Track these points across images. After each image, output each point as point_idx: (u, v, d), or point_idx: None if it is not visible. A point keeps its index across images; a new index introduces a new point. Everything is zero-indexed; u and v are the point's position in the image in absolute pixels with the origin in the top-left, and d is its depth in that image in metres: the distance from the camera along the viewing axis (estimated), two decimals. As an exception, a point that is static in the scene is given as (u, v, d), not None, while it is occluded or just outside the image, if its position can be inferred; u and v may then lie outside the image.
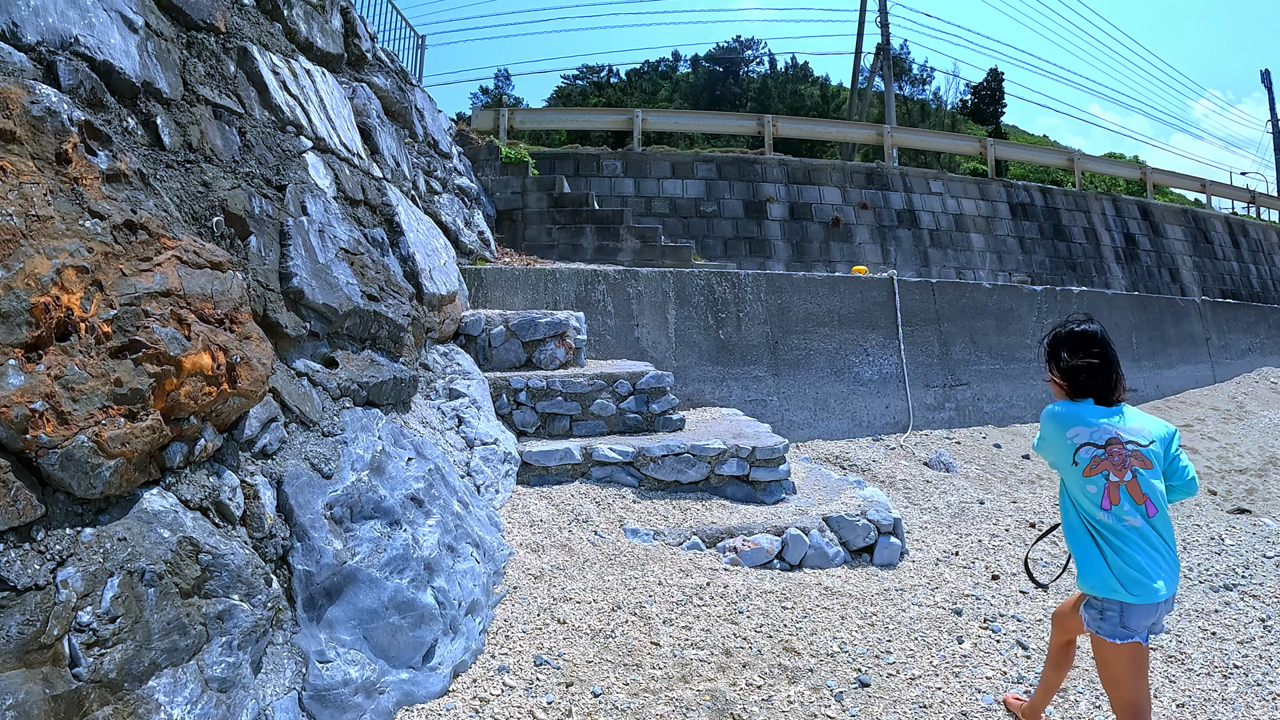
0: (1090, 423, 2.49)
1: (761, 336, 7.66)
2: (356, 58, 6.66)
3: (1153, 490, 2.42)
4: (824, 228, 13.95)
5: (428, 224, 6.36)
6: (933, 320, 8.95)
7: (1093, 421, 2.49)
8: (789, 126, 15.97)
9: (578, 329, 6.18)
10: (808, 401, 7.74)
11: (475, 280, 6.88)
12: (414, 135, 7.72)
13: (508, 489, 4.84)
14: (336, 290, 3.77)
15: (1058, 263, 16.31)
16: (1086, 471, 2.44)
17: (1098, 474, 2.43)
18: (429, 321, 5.37)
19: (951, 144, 18.90)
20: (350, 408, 3.51)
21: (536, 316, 6.05)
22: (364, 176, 5.26)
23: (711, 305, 7.51)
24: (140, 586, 2.04)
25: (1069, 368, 2.55)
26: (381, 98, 6.88)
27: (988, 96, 32.57)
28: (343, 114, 5.47)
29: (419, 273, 5.34)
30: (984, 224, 15.66)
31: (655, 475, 5.12)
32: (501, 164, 10.56)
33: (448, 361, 5.53)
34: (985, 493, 6.84)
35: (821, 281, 8.11)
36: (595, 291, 7.10)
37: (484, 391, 5.43)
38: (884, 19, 25.44)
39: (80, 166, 2.37)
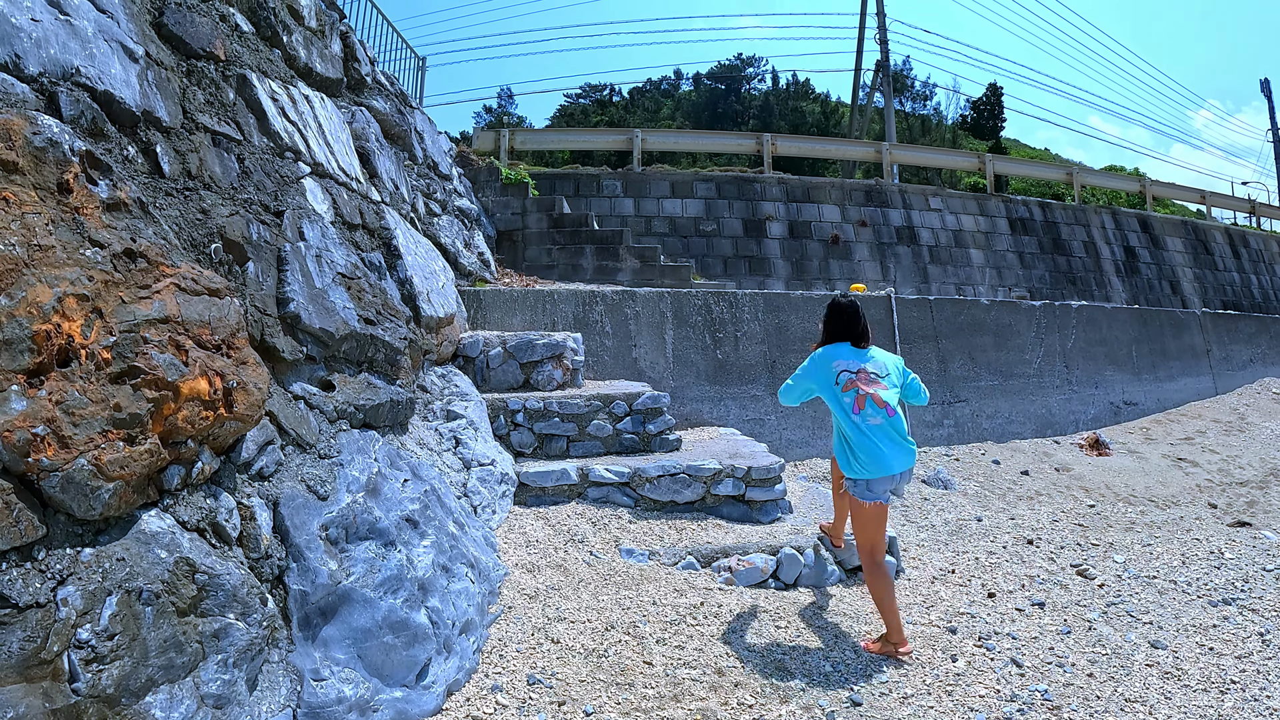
0: (846, 357, 3.72)
1: (759, 356, 7.71)
2: (356, 81, 6.73)
3: (890, 399, 3.61)
4: (823, 246, 14.03)
5: (426, 246, 6.43)
6: (930, 337, 8.99)
7: (848, 357, 3.73)
8: (788, 145, 16.09)
9: (575, 350, 6.23)
10: (805, 420, 7.77)
11: (474, 302, 6.94)
12: (413, 158, 7.80)
13: (505, 509, 4.88)
14: (333, 314, 3.83)
15: (1058, 277, 16.36)
16: (844, 389, 3.62)
17: (850, 390, 3.60)
18: (427, 344, 5.42)
19: (950, 160, 19.03)
20: (347, 430, 3.56)
21: (534, 338, 6.10)
22: (362, 200, 5.33)
23: (709, 325, 7.56)
24: (138, 605, 2.08)
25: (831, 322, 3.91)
26: (381, 121, 6.94)
27: (987, 111, 32.74)
28: (341, 139, 5.54)
29: (417, 296, 5.40)
30: (983, 239, 15.73)
31: (651, 495, 5.16)
32: (502, 185, 10.66)
33: (445, 383, 5.58)
34: (983, 510, 6.86)
35: (819, 300, 8.16)
36: (593, 312, 7.16)
37: (481, 413, 5.48)
38: (883, 35, 25.67)
39: (81, 196, 2.43)
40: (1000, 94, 32.99)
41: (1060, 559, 5.20)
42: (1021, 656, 3.56)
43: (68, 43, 2.73)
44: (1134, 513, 6.83)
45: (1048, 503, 7.38)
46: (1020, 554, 5.33)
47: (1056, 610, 4.18)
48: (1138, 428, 10.92)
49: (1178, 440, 10.36)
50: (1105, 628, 3.91)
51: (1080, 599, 4.36)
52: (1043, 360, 10.12)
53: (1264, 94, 34.86)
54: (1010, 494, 7.63)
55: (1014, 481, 8.05)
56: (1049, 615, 4.10)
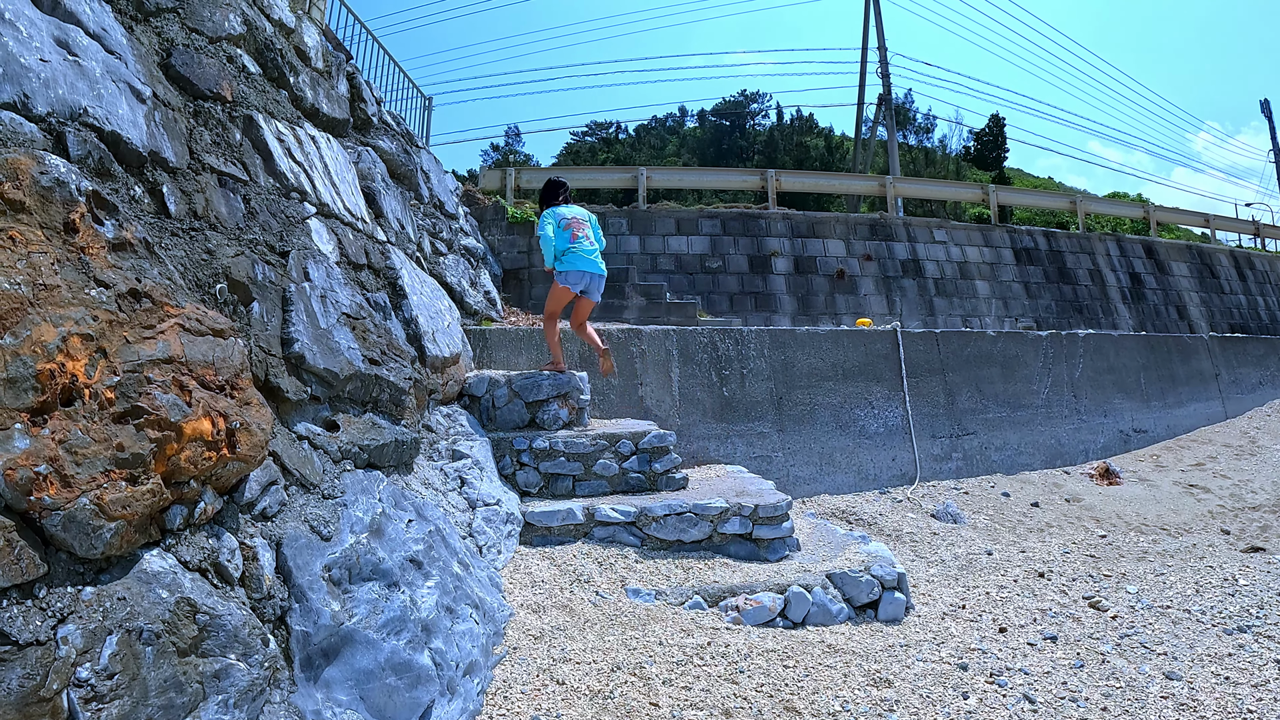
0: (566, 213, 6.43)
1: (766, 392, 7.70)
2: (362, 121, 6.82)
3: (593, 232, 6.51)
4: (829, 280, 14.05)
5: (432, 286, 6.46)
6: (938, 370, 8.98)
7: (566, 213, 6.43)
8: (792, 181, 16.20)
9: (581, 389, 6.23)
10: (813, 456, 7.74)
11: (480, 341, 6.96)
12: (419, 197, 7.88)
13: (510, 549, 4.85)
14: (338, 355, 3.84)
15: (1064, 306, 16.34)
16: (565, 228, 6.34)
17: (569, 230, 6.32)
18: (432, 383, 5.43)
19: (954, 192, 19.10)
20: (351, 470, 3.55)
21: (539, 377, 6.11)
22: (368, 240, 5.37)
23: (715, 362, 7.57)
24: (138, 645, 2.07)
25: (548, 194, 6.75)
26: (387, 161, 7.03)
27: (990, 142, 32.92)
28: (347, 179, 5.60)
29: (422, 335, 5.42)
30: (988, 270, 15.74)
31: (658, 535, 5.13)
32: (508, 223, 10.74)
33: (450, 422, 5.58)
34: (993, 543, 6.79)
35: (825, 335, 8.17)
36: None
37: (487, 452, 5.47)
38: (885, 69, 25.89)
39: (87, 236, 2.45)
40: (1002, 124, 33.19)
41: (1072, 591, 5.13)
42: (1034, 692, 3.50)
43: (76, 83, 2.77)
44: (1146, 542, 6.75)
45: (1059, 534, 7.31)
46: (1032, 587, 5.27)
47: (1069, 644, 4.11)
48: (1148, 455, 10.84)
49: (1189, 466, 10.28)
50: (1119, 660, 3.85)
51: (1093, 631, 4.29)
52: (1051, 390, 10.08)
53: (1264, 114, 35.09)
54: (1021, 526, 7.56)
55: (1024, 514, 7.98)
56: (1062, 649, 4.04)
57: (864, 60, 26.49)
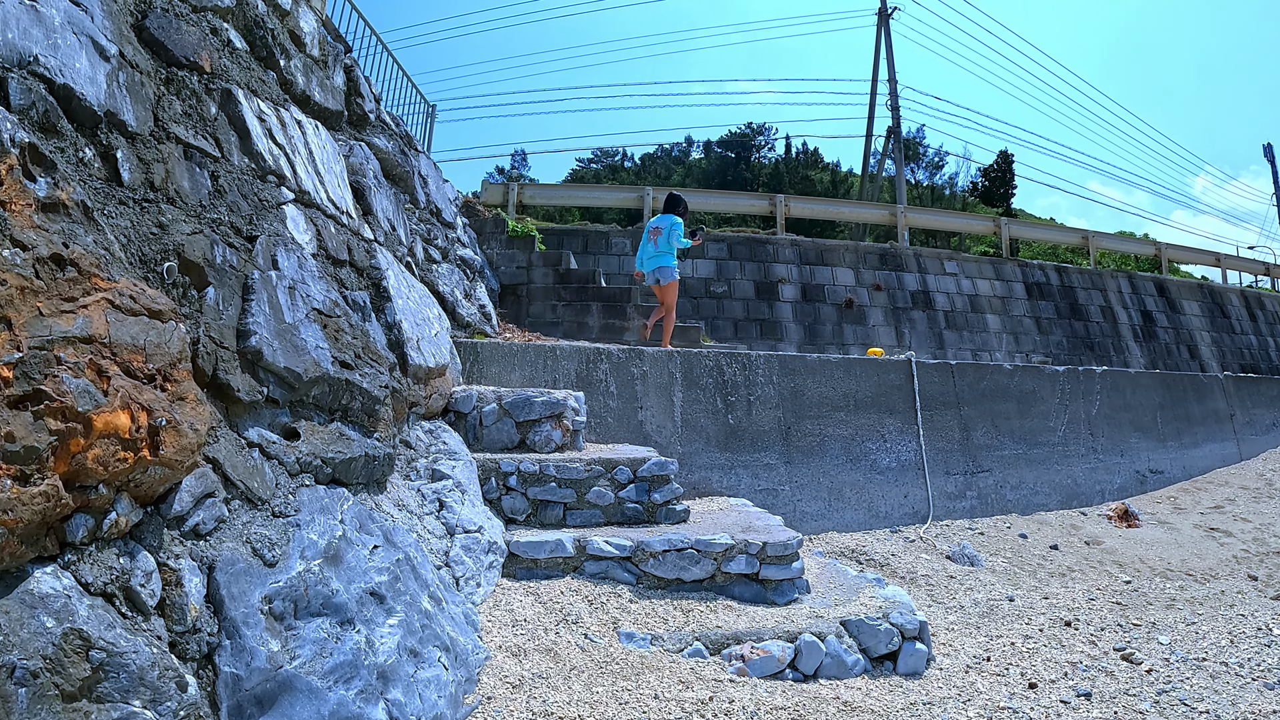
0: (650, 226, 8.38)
1: (773, 421, 7.25)
2: (358, 117, 6.49)
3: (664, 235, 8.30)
4: (837, 309, 13.67)
5: (421, 292, 6.06)
6: (953, 404, 8.55)
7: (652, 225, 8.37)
8: (801, 206, 15.87)
9: (576, 410, 5.80)
10: (822, 491, 7.29)
11: (471, 354, 6.54)
12: (415, 201, 7.51)
13: (491, 582, 4.40)
14: (303, 354, 3.42)
15: (1075, 343, 15.98)
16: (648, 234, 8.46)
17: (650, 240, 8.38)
18: (413, 395, 5.01)
19: (965, 224, 18.72)
20: (310, 486, 3.12)
21: (532, 395, 5.67)
22: (352, 236, 4.98)
23: (720, 388, 7.12)
24: (8, 685, 1.63)
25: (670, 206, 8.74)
26: (381, 159, 6.68)
27: (998, 178, 32.65)
28: (334, 170, 5.23)
29: (405, 342, 5.00)
30: (999, 304, 15.38)
31: (655, 572, 4.67)
32: (507, 237, 10.37)
33: (432, 439, 5.15)
34: (1014, 588, 6.36)
35: (836, 364, 7.74)
36: (597, 370, 6.74)
37: (471, 474, 5.03)
38: (894, 102, 25.68)
39: (12, 190, 2.06)
40: (1011, 161, 32.97)
41: (1102, 642, 4.69)
42: (1079, 764, 3.05)
43: (30, 29, 2.42)
44: (1173, 588, 6.31)
45: (1081, 579, 6.88)
46: (1059, 637, 4.81)
47: (1105, 701, 3.68)
48: (1165, 497, 10.42)
49: (1208, 509, 9.85)
50: (1160, 721, 3.42)
51: (1129, 687, 3.86)
52: (1067, 428, 9.66)
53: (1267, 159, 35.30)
54: (1041, 570, 7.12)
55: (1044, 556, 7.54)
56: (1098, 707, 3.60)
57: (873, 91, 26.31)
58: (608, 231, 13.52)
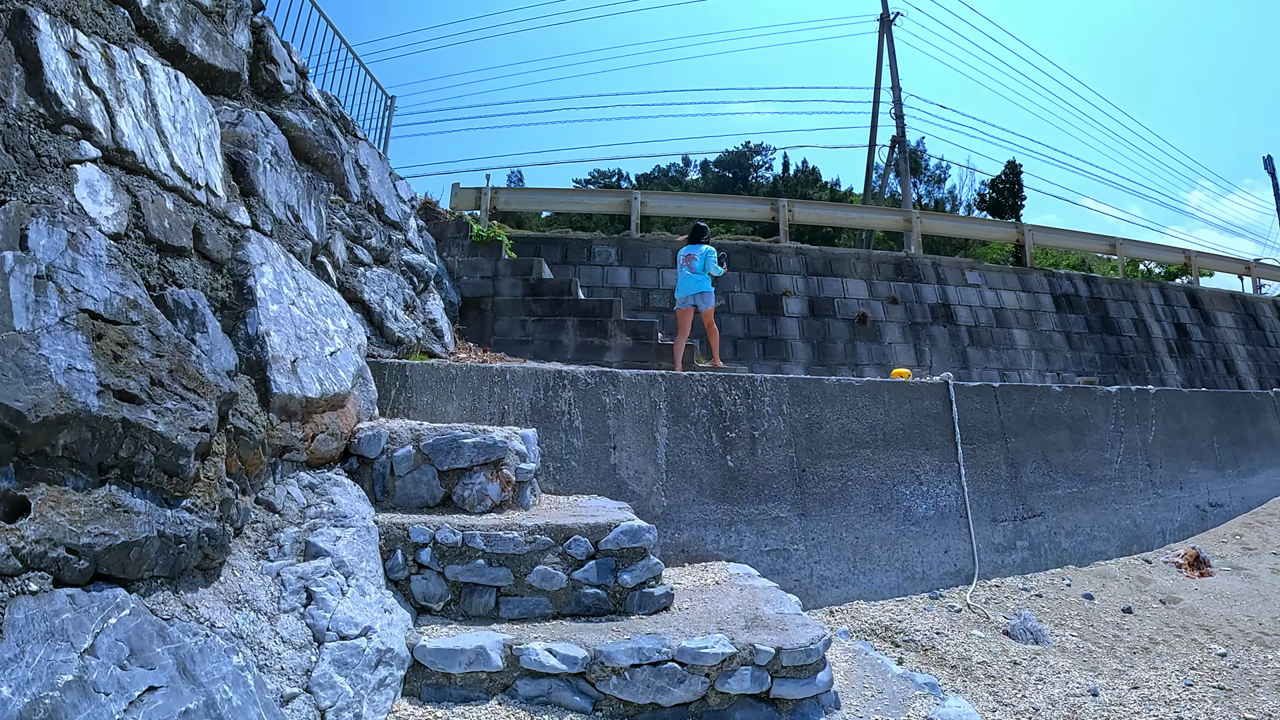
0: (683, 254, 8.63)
1: (784, 462, 5.73)
2: (269, 87, 5.20)
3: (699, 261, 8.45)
4: (849, 325, 12.18)
5: (324, 298, 4.62)
6: (998, 435, 7.07)
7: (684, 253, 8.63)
8: (806, 212, 14.37)
9: (522, 454, 4.32)
10: (844, 549, 5.78)
11: (397, 379, 5.08)
12: (344, 193, 6.12)
13: (381, 710, 2.96)
14: (37, 379, 1.99)
15: (1108, 359, 14.51)
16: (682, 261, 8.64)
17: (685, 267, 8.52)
18: (280, 437, 3.55)
19: (985, 230, 17.17)
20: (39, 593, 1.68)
21: (460, 435, 4.19)
22: (208, 218, 3.57)
23: (717, 421, 5.61)
24: None
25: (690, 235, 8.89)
26: (293, 137, 5.33)
27: (1006, 189, 31.10)
28: (195, 134, 3.83)
29: (268, 363, 3.54)
30: (1026, 318, 13.91)
31: (620, 695, 3.20)
32: (471, 243, 8.92)
33: (314, 497, 3.69)
34: (1094, 674, 4.93)
35: (861, 389, 6.23)
36: (558, 400, 5.24)
37: (366, 546, 3.57)
38: (899, 110, 24.25)
39: None
40: (1019, 171, 31.42)
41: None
42: None
43: None
44: (1277, 660, 5.15)
45: (1169, 655, 5.48)
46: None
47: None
48: (1230, 535, 9.10)
49: (1279, 548, 8.54)
50: None
51: None
52: (1124, 459, 8.19)
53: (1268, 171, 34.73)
54: (1120, 645, 5.66)
55: (1117, 624, 6.08)
56: None
57: (876, 99, 24.91)
58: (590, 239, 12.06)
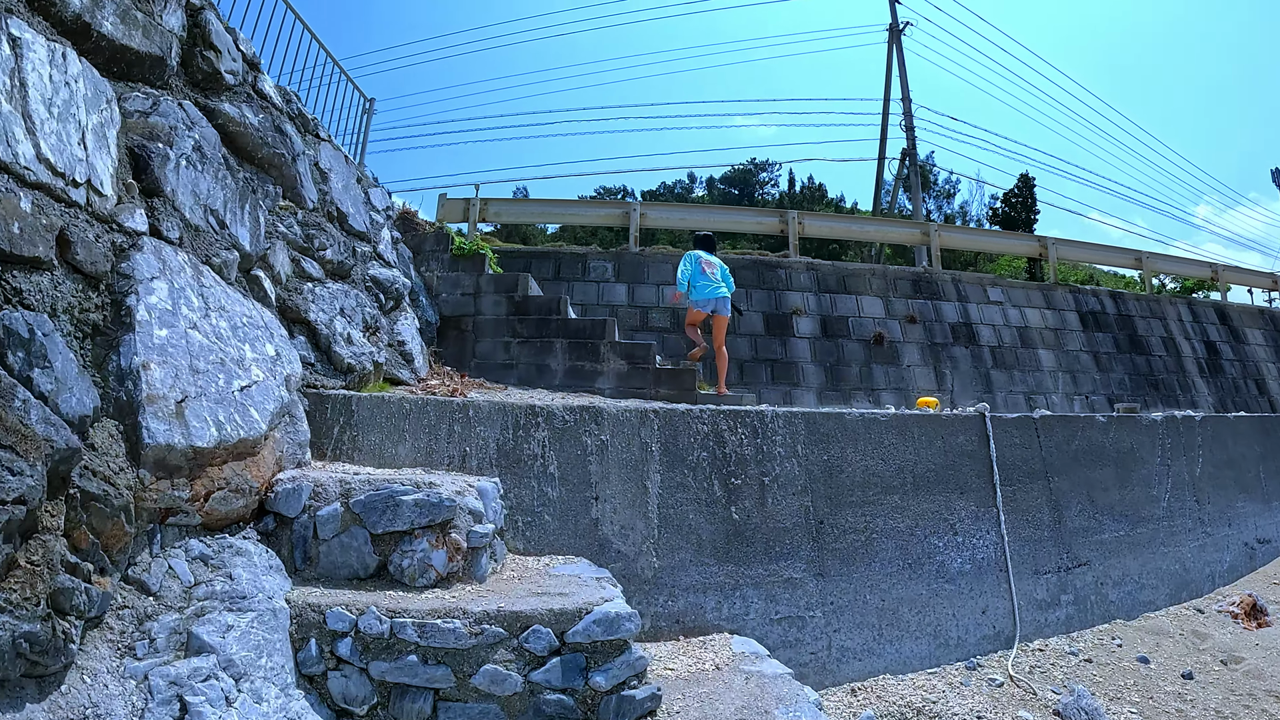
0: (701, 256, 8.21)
1: (798, 513, 4.86)
2: (206, 76, 4.46)
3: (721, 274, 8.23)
4: (864, 346, 11.32)
5: (242, 319, 3.82)
6: (1039, 473, 6.23)
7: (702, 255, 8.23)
8: (817, 225, 13.50)
9: (477, 514, 3.50)
10: (869, 614, 4.91)
11: (341, 415, 4.28)
12: (297, 198, 5.36)
13: None
14: None
15: (1138, 381, 13.61)
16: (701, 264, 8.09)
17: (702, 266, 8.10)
18: (161, 498, 2.76)
19: (1007, 243, 16.22)
20: None
21: (399, 490, 3.37)
22: (83, 221, 2.77)
23: (719, 465, 4.75)
24: None
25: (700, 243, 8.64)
26: (231, 133, 4.58)
27: (1019, 203, 30.15)
28: (79, 120, 3.05)
29: (141, 405, 2.75)
30: (1052, 337, 13.03)
31: None
32: (451, 257, 8.11)
33: (206, 572, 2.89)
34: (1168, 769, 4.09)
35: (887, 424, 5.37)
36: (530, 441, 4.40)
37: (271, 636, 2.76)
38: (909, 123, 23.45)
39: None
40: (1032, 185, 30.54)
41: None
42: None
43: None
44: None
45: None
46: None
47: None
48: (1281, 575, 8.38)
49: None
50: None
51: None
52: (1171, 495, 7.33)
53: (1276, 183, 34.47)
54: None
55: (1179, 694, 5.22)
56: None
57: (885, 111, 24.11)
58: (585, 254, 11.24)
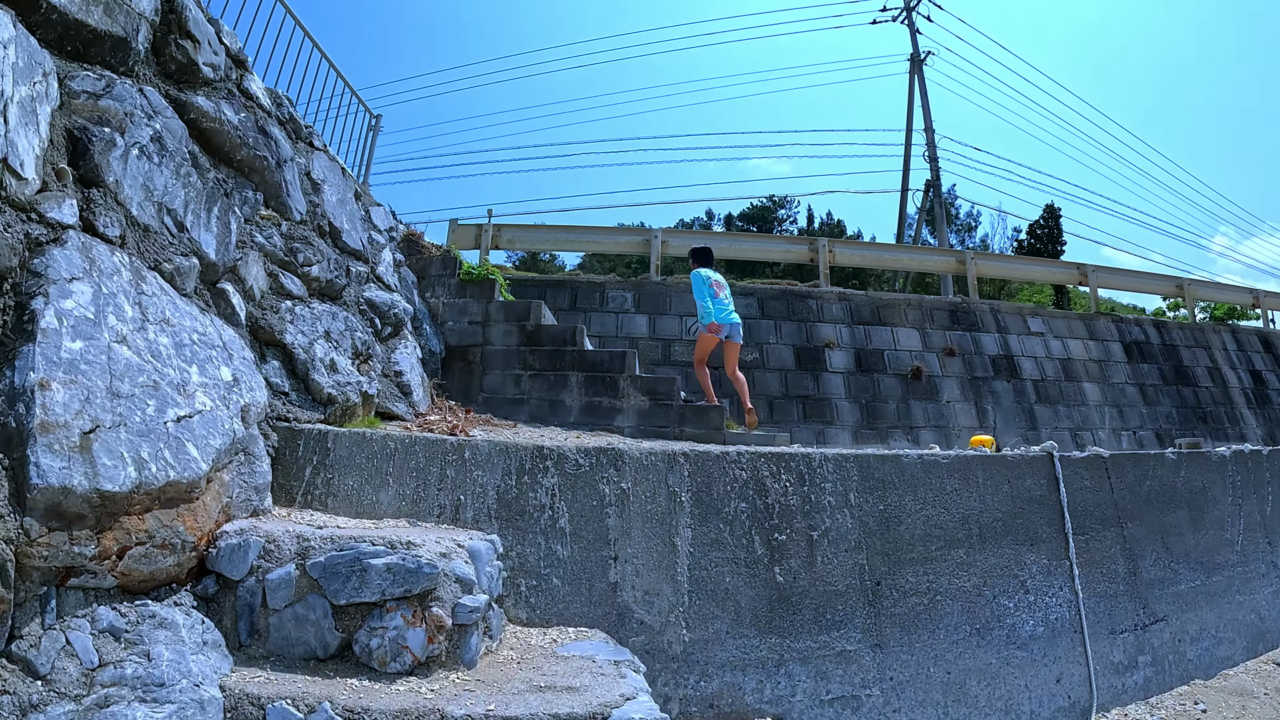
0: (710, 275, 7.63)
1: (852, 573, 4.15)
2: (181, 67, 4.01)
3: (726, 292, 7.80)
4: (901, 381, 10.62)
5: (192, 336, 3.23)
6: (1111, 519, 5.51)
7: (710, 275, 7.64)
8: (849, 253, 12.83)
9: (467, 583, 2.85)
10: (933, 690, 4.18)
11: (315, 453, 3.66)
12: (282, 208, 4.85)
13: None
14: None
15: (1186, 414, 12.86)
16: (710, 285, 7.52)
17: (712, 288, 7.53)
18: (55, 554, 2.18)
19: (1045, 271, 15.44)
20: None
21: (367, 550, 2.72)
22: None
23: (761, 517, 4.06)
24: None
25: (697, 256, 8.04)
26: (204, 130, 4.12)
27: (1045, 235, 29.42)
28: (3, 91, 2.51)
29: (31, 435, 2.15)
30: (1096, 369, 12.31)
31: None
32: (459, 282, 7.52)
33: (117, 650, 2.26)
34: None
35: (949, 467, 4.67)
36: (537, 488, 3.74)
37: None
38: (932, 153, 22.86)
39: None
40: (1058, 216, 29.81)
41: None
42: None
43: None
44: None
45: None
46: None
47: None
48: (1358, 619, 7.49)
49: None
50: None
51: None
52: (1244, 538, 6.58)
53: None
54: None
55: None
56: None
57: (908, 142, 23.48)
58: (604, 283, 10.66)
